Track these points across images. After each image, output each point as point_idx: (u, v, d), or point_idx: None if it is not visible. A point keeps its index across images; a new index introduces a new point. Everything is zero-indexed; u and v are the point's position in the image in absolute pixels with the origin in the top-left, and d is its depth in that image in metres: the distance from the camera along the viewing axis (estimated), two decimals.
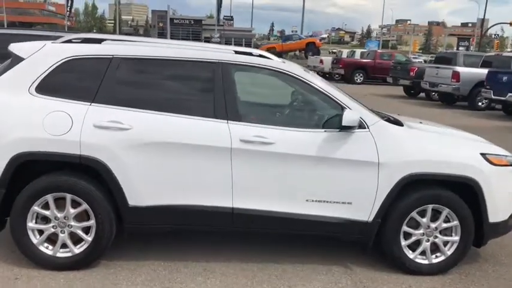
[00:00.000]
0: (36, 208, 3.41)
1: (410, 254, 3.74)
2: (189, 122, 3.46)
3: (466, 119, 13.42)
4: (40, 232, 3.48)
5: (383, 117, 4.05)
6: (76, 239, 3.51)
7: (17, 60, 3.49)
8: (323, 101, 3.67)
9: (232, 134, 3.45)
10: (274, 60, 3.67)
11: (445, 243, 3.77)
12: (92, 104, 3.43)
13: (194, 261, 3.79)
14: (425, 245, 3.74)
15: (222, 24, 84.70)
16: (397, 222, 3.66)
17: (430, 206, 3.67)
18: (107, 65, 3.49)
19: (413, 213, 3.66)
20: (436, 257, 3.79)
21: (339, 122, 3.44)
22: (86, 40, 3.66)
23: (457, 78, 15.49)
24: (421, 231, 3.72)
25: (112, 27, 79.58)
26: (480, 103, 15.74)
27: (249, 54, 3.71)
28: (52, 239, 3.51)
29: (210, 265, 3.74)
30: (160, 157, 3.42)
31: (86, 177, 3.44)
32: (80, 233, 3.49)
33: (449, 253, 3.77)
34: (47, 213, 3.44)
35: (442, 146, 3.71)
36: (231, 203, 3.53)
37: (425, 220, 3.69)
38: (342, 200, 3.60)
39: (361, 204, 3.61)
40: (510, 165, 3.84)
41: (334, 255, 4.01)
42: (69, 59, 3.48)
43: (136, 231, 3.70)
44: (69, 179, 3.42)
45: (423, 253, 3.77)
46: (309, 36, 65.24)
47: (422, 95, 19.34)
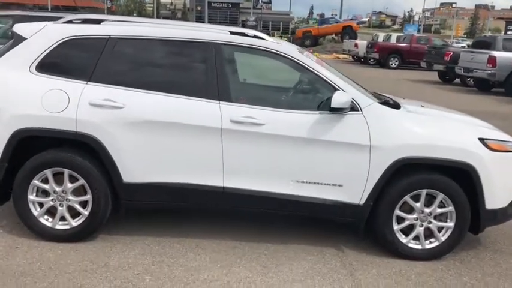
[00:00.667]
0: (36, 182, 3.58)
1: (403, 239, 3.71)
2: (181, 101, 3.53)
3: (501, 107, 12.94)
4: (40, 205, 3.65)
5: (381, 99, 4.00)
6: (74, 213, 3.66)
7: (19, 40, 3.63)
8: (316, 82, 3.66)
9: (223, 114, 3.50)
10: (269, 41, 3.67)
11: (440, 229, 3.72)
12: (88, 83, 3.54)
13: (188, 237, 3.89)
14: (419, 230, 3.70)
15: (260, 7, 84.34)
16: (389, 206, 3.63)
17: (424, 191, 3.61)
18: (104, 44, 3.59)
19: (407, 198, 3.62)
20: (430, 242, 3.74)
21: (329, 104, 3.43)
22: (86, 21, 3.76)
23: (493, 63, 14.91)
24: (415, 216, 3.68)
25: (151, 11, 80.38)
26: None
27: (244, 34, 3.72)
28: (52, 212, 3.67)
29: (203, 242, 3.83)
30: (151, 135, 3.51)
31: (83, 153, 3.57)
32: (77, 207, 3.64)
33: (443, 239, 3.71)
34: (46, 187, 3.60)
35: (437, 130, 3.64)
36: (222, 183, 3.59)
37: (418, 205, 3.64)
38: (332, 182, 3.60)
39: (352, 186, 3.60)
40: (510, 151, 3.72)
41: (328, 238, 4.02)
42: (68, 39, 3.60)
43: (132, 208, 3.82)
44: (67, 155, 3.57)
45: (417, 238, 3.73)
46: (348, 19, 64.08)
47: (458, 80, 18.75)
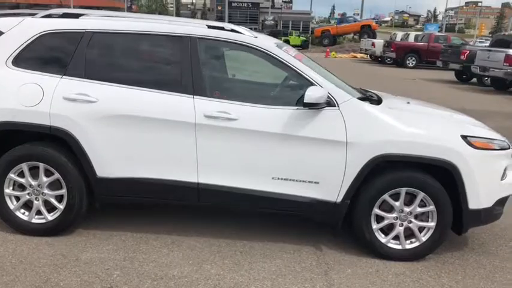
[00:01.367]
0: (12, 175, 3.59)
1: (383, 238, 3.61)
2: (155, 96, 3.50)
3: None
4: (17, 198, 3.66)
5: (364, 95, 3.91)
6: (50, 207, 3.67)
7: None
8: (293, 77, 3.59)
9: (197, 109, 3.45)
10: (246, 35, 3.61)
11: (421, 229, 3.61)
12: (63, 77, 3.54)
13: (166, 234, 3.86)
14: (399, 229, 3.60)
15: (280, 7, 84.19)
16: (367, 205, 3.53)
17: (404, 189, 3.51)
18: (79, 39, 3.58)
19: (386, 196, 3.52)
20: (410, 242, 3.63)
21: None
22: (65, 15, 3.76)
23: (510, 62, 14.54)
24: (394, 215, 3.57)
25: (172, 11, 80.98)
26: None
27: (222, 28, 3.66)
28: (28, 206, 3.68)
29: (179, 238, 3.79)
30: (125, 130, 3.49)
31: (58, 147, 3.57)
32: (53, 201, 3.64)
33: (424, 239, 3.60)
34: (22, 180, 3.61)
35: (417, 127, 3.52)
36: (196, 178, 3.55)
37: (398, 204, 3.54)
38: (308, 179, 3.53)
39: (328, 184, 3.52)
40: (496, 149, 3.59)
41: (309, 236, 3.94)
42: (45, 33, 3.60)
43: (107, 203, 3.81)
44: (42, 148, 3.57)
45: (397, 238, 3.63)
46: (369, 19, 63.35)
47: (475, 80, 18.33)
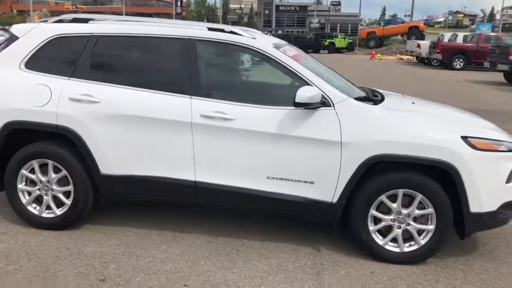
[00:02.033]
0: (24, 172, 3.82)
1: (380, 240, 3.56)
2: (154, 96, 3.61)
3: None
4: (29, 193, 3.88)
5: (366, 94, 3.89)
6: (59, 202, 3.86)
7: (13, 39, 3.89)
8: (289, 77, 3.60)
9: (194, 109, 3.54)
10: (244, 36, 3.66)
11: (420, 232, 3.53)
12: (70, 79, 3.72)
13: (168, 230, 3.97)
14: (397, 231, 3.53)
15: (329, 9, 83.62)
16: (364, 206, 3.50)
17: (401, 191, 3.44)
18: (86, 42, 3.76)
19: (383, 197, 3.47)
20: (409, 245, 3.55)
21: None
22: (75, 20, 3.96)
23: None
24: (392, 217, 3.51)
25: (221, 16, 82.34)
26: None
27: (221, 30, 3.74)
28: (40, 201, 3.89)
29: (180, 235, 3.89)
30: (126, 129, 3.63)
31: (65, 145, 3.76)
32: (61, 196, 3.84)
33: (423, 242, 3.51)
34: (33, 176, 3.83)
35: (415, 127, 3.45)
36: (194, 177, 3.64)
37: (395, 205, 3.48)
38: (303, 179, 3.53)
39: (324, 184, 3.51)
40: (500, 151, 3.46)
41: (309, 236, 3.94)
42: (55, 37, 3.81)
43: (112, 199, 3.96)
44: (51, 147, 3.77)
45: (395, 240, 3.56)
46: (420, 20, 61.77)
47: None
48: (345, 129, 3.42)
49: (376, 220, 3.55)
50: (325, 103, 3.46)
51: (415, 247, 3.54)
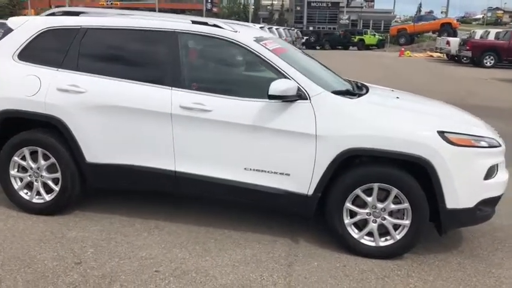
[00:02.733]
0: (16, 158, 3.99)
1: (356, 234, 3.56)
2: (137, 87, 3.71)
3: None
4: (21, 179, 4.05)
5: (349, 88, 3.91)
6: (48, 188, 4.01)
7: (8, 31, 4.06)
8: (269, 70, 3.63)
9: (174, 100, 3.62)
10: (226, 30, 3.72)
11: (396, 227, 3.51)
12: (59, 70, 3.86)
13: (153, 218, 4.07)
14: (372, 226, 3.52)
15: (361, 6, 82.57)
16: (339, 199, 3.51)
17: (376, 185, 3.44)
18: (75, 34, 3.89)
19: (358, 191, 3.47)
20: (385, 240, 3.54)
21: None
22: (66, 13, 4.10)
23: None
24: (367, 211, 3.51)
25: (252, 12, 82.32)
26: None
27: (205, 23, 3.80)
28: (31, 186, 4.06)
29: (163, 223, 3.99)
30: (110, 119, 3.74)
31: (54, 134, 3.90)
32: (50, 183, 3.99)
33: (398, 237, 3.50)
34: (24, 163, 3.99)
35: (390, 121, 3.43)
36: (174, 167, 3.72)
37: (370, 199, 3.47)
38: (280, 171, 3.57)
39: (299, 176, 3.53)
40: (478, 146, 3.40)
41: (292, 228, 3.96)
42: (46, 29, 3.96)
43: (98, 187, 4.09)
44: (40, 135, 3.93)
45: (371, 234, 3.56)
46: (458, 17, 60.21)
47: None
48: (320, 122, 3.43)
49: (352, 213, 3.55)
50: (301, 96, 3.48)
51: (391, 242, 3.52)
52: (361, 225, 3.58)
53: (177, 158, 3.70)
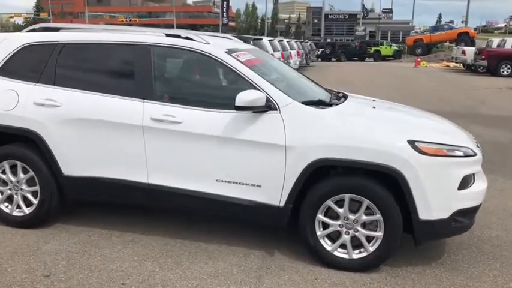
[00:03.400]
0: None
1: (328, 246, 3.50)
2: (111, 100, 3.75)
3: None
4: (1, 193, 4.11)
5: (326, 97, 3.91)
6: (28, 201, 4.06)
7: None
8: (239, 82, 3.61)
9: (145, 112, 3.64)
10: (197, 42, 3.73)
11: (370, 239, 3.43)
12: (37, 84, 3.93)
13: (130, 231, 4.07)
14: (345, 237, 3.46)
15: (379, 17, 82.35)
16: (310, 210, 3.46)
17: (347, 196, 3.38)
18: (52, 50, 3.96)
19: (329, 202, 3.41)
20: (359, 252, 3.47)
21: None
22: (46, 29, 4.18)
23: None
24: (339, 222, 3.45)
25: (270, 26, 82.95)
26: None
27: (178, 36, 3.83)
28: (11, 200, 4.11)
29: (140, 236, 3.98)
30: (84, 132, 3.78)
31: (32, 148, 3.95)
32: (29, 196, 4.03)
33: (371, 249, 3.42)
34: (4, 177, 4.05)
35: (360, 131, 3.37)
36: (147, 179, 3.73)
37: (342, 211, 3.41)
38: (251, 183, 3.54)
39: (270, 187, 3.50)
40: (450, 156, 3.32)
41: (269, 240, 3.91)
42: (26, 45, 4.04)
43: (76, 200, 4.12)
44: (18, 149, 3.99)
45: (345, 247, 3.49)
46: (479, 26, 59.40)
47: None
48: (289, 132, 3.40)
49: (324, 225, 3.49)
50: (270, 107, 3.46)
51: (364, 254, 3.45)
52: (334, 237, 3.51)
53: (150, 171, 3.71)
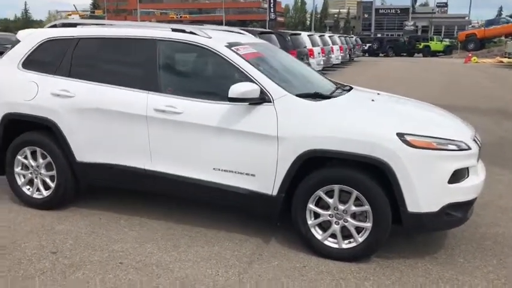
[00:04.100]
0: (19, 157, 4.40)
1: (319, 235, 3.59)
2: (118, 91, 3.99)
3: None
4: (24, 176, 4.45)
5: (328, 89, 4.01)
6: (47, 185, 4.38)
7: (16, 42, 4.50)
8: (237, 74, 3.75)
9: (149, 103, 3.85)
10: (200, 36, 3.90)
11: (359, 230, 3.49)
12: (54, 76, 4.23)
13: (138, 216, 4.31)
14: (335, 227, 3.53)
15: (433, 11, 79.83)
16: (301, 199, 3.55)
17: (337, 186, 3.45)
18: (69, 44, 4.25)
19: (320, 192, 3.50)
20: (349, 242, 3.53)
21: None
22: (65, 25, 4.48)
23: None
24: (329, 212, 3.53)
25: (318, 21, 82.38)
26: None
27: (183, 31, 4.01)
28: (32, 183, 4.44)
29: (147, 221, 4.21)
30: (95, 121, 4.04)
31: (50, 135, 4.26)
32: (47, 180, 4.35)
33: (360, 240, 3.48)
34: (25, 162, 4.39)
35: (351, 123, 3.42)
36: (150, 166, 3.94)
37: (332, 201, 3.49)
38: (246, 172, 3.68)
39: (264, 177, 3.62)
40: (441, 149, 3.32)
41: (268, 229, 4.02)
42: (46, 40, 4.35)
43: (90, 184, 4.40)
44: (38, 136, 4.31)
45: (335, 236, 3.56)
46: None
47: None
48: (281, 124, 3.51)
49: (316, 215, 3.58)
50: (265, 99, 3.57)
51: (354, 244, 3.51)
52: (326, 227, 3.59)
53: (153, 158, 3.92)
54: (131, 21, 4.87)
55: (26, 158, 4.39)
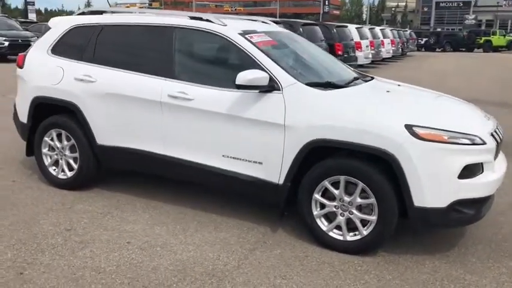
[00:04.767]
0: (46, 139, 4.62)
1: (324, 226, 3.55)
2: (137, 77, 4.10)
3: None
4: (50, 157, 4.68)
5: (353, 78, 3.98)
6: (71, 166, 4.58)
7: (47, 29, 4.72)
8: (249, 62, 3.74)
9: (163, 89, 3.94)
10: (215, 23, 3.94)
11: (365, 222, 3.42)
12: (79, 62, 4.40)
13: (154, 200, 4.42)
14: (340, 219, 3.48)
15: (498, 4, 75.98)
16: (307, 189, 3.53)
17: (343, 177, 3.39)
18: (93, 31, 4.41)
19: (326, 183, 3.46)
20: (354, 234, 3.47)
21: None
22: (92, 12, 4.65)
23: None
24: (335, 204, 3.48)
25: (374, 15, 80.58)
26: None
27: (200, 19, 4.07)
28: (58, 164, 4.66)
29: (161, 204, 4.31)
30: (113, 105, 4.18)
31: (74, 118, 4.45)
32: (71, 161, 4.55)
33: (365, 233, 3.41)
34: (51, 143, 4.61)
35: (359, 113, 3.34)
36: (163, 151, 4.04)
37: (337, 192, 3.44)
38: (253, 159, 3.69)
39: (270, 165, 3.62)
40: (452, 143, 3.19)
41: (274, 218, 4.03)
42: (74, 27, 4.53)
43: (110, 167, 4.56)
44: (63, 119, 4.51)
45: (340, 228, 3.51)
46: None
47: None
48: (289, 112, 3.49)
49: (322, 206, 3.54)
50: (274, 87, 3.56)
51: (359, 237, 3.44)
52: (332, 218, 3.55)
53: (166, 143, 4.01)
54: (159, 10, 4.96)
55: (52, 139, 4.60)
